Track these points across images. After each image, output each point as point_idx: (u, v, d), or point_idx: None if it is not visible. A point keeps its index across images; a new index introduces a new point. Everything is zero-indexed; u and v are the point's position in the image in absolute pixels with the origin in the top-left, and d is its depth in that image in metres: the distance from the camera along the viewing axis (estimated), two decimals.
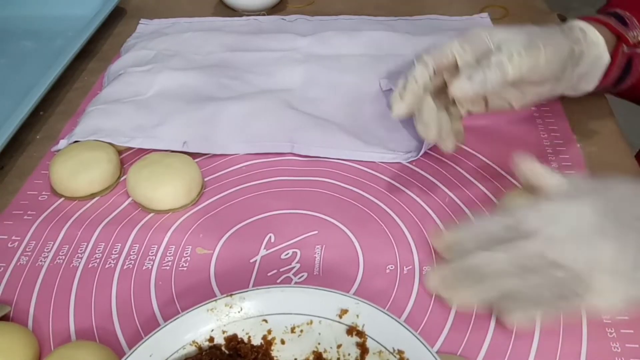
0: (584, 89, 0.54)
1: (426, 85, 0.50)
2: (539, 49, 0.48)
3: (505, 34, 0.49)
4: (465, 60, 0.49)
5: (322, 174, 0.56)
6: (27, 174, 0.58)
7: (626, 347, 0.41)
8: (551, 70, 0.49)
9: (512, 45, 0.48)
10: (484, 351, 0.41)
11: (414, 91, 0.50)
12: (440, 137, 0.51)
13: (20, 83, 0.69)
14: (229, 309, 0.40)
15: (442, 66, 0.50)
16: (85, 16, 0.78)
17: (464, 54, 0.49)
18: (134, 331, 0.43)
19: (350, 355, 0.39)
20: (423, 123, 0.50)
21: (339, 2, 0.84)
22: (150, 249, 0.50)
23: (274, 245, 0.49)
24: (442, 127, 0.51)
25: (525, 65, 0.47)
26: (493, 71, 0.47)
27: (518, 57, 0.47)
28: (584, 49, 0.51)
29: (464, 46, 0.50)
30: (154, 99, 0.64)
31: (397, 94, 0.51)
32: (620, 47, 0.53)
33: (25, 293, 0.46)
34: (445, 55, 0.50)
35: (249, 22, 0.80)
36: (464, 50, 0.49)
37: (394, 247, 0.49)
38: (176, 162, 0.54)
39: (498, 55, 0.47)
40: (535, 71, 0.48)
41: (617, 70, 0.54)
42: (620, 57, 0.54)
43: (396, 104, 0.51)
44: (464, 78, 0.47)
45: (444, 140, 0.52)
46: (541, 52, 0.48)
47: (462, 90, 0.47)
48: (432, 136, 0.51)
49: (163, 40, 0.74)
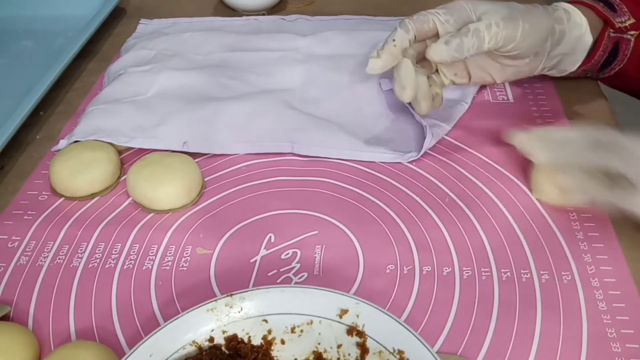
0: (566, 68, 0.57)
1: (405, 48, 0.53)
2: (518, 21, 0.50)
3: (488, 6, 0.51)
4: (446, 28, 0.52)
5: (322, 174, 0.56)
6: (27, 174, 0.58)
7: (626, 347, 0.41)
8: (528, 44, 0.51)
9: (491, 16, 0.50)
10: (484, 351, 0.41)
11: (391, 51, 0.53)
12: (415, 99, 0.53)
13: (20, 83, 0.69)
14: (229, 309, 0.40)
15: (424, 33, 0.52)
16: (85, 16, 0.78)
17: (445, 22, 0.52)
18: (134, 331, 0.43)
19: (350, 355, 0.39)
20: (400, 83, 0.53)
21: (339, 2, 0.84)
22: (150, 249, 0.50)
23: (274, 245, 0.49)
24: (419, 89, 0.53)
25: (502, 35, 0.50)
26: (469, 38, 0.49)
27: (496, 27, 0.49)
28: (565, 28, 0.53)
29: (446, 15, 0.52)
30: (154, 99, 0.64)
31: (375, 52, 0.53)
32: (606, 31, 0.55)
33: (25, 293, 0.46)
34: (427, 22, 0.52)
35: (248, 22, 0.80)
36: (446, 19, 0.52)
37: (394, 247, 0.49)
38: (176, 162, 0.54)
39: (476, 24, 0.50)
40: (511, 43, 0.50)
41: (602, 53, 0.56)
42: (606, 40, 0.55)
43: (372, 60, 0.53)
44: (441, 42, 0.50)
45: (419, 102, 0.54)
46: (519, 25, 0.50)
47: (438, 54, 0.50)
48: (407, 96, 0.53)
49: (163, 40, 0.74)
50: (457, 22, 0.51)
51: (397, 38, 0.53)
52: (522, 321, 0.43)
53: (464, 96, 0.62)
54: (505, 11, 0.51)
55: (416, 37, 0.53)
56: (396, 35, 0.53)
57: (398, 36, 0.53)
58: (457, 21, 0.52)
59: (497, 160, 0.56)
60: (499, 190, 0.53)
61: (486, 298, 0.44)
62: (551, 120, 0.60)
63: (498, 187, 0.53)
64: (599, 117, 0.61)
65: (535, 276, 0.46)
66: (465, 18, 0.51)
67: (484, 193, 0.53)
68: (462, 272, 0.46)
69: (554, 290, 0.45)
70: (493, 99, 0.64)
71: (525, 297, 0.44)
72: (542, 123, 0.60)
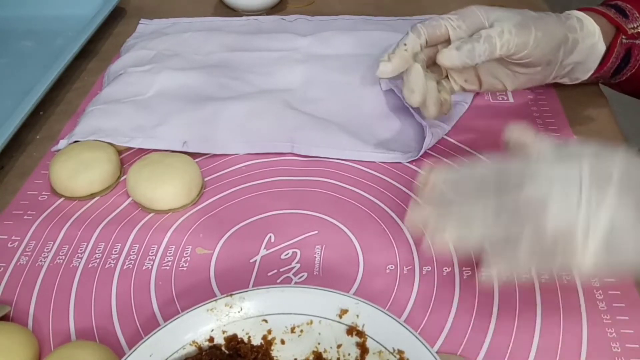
0: (579, 77, 0.55)
1: (416, 53, 0.52)
2: (530, 29, 0.49)
3: (501, 13, 0.51)
4: (458, 34, 0.51)
5: (322, 174, 0.56)
6: (27, 174, 0.58)
7: (626, 347, 0.41)
8: (541, 52, 0.50)
9: (504, 23, 0.49)
10: (484, 351, 0.41)
11: (402, 55, 0.52)
12: (424, 104, 0.53)
13: (20, 83, 0.69)
14: (229, 309, 0.40)
15: (436, 38, 0.52)
16: (85, 16, 0.78)
17: (457, 28, 0.51)
18: (134, 331, 0.43)
19: (350, 355, 0.39)
20: (409, 87, 0.52)
21: (338, 2, 0.84)
22: (150, 249, 0.50)
23: (274, 245, 0.49)
24: (428, 94, 0.53)
25: (514, 43, 0.49)
26: (481, 44, 0.49)
27: (508, 33, 0.49)
28: (578, 37, 0.52)
29: (459, 21, 0.51)
30: (154, 99, 0.64)
31: (386, 56, 0.53)
32: (618, 38, 0.54)
33: (25, 293, 0.46)
34: (439, 27, 0.52)
35: (248, 22, 0.80)
36: (458, 25, 0.51)
37: (394, 247, 0.49)
38: (176, 162, 0.54)
39: (488, 30, 0.49)
40: (523, 50, 0.50)
41: (614, 60, 0.55)
42: (619, 47, 0.54)
43: (382, 63, 0.53)
44: (452, 48, 0.49)
45: (428, 107, 0.53)
46: (532, 33, 0.49)
47: (449, 59, 0.49)
48: (416, 101, 0.52)
49: (163, 40, 0.74)
50: (470, 28, 0.51)
51: (408, 42, 0.52)
52: (522, 321, 0.43)
53: (464, 96, 0.62)
54: (518, 18, 0.50)
55: (428, 42, 0.52)
56: (408, 40, 0.52)
57: (410, 40, 0.52)
58: (469, 27, 0.51)
59: None
60: None
61: (486, 298, 0.44)
62: (551, 120, 0.60)
63: None
64: (599, 117, 0.61)
65: (535, 276, 0.46)
66: (477, 24, 0.51)
67: None
68: (462, 272, 0.46)
69: (554, 290, 0.45)
70: (493, 99, 0.64)
71: (525, 297, 0.44)
72: (542, 123, 0.60)
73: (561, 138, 0.58)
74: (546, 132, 0.59)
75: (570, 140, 0.53)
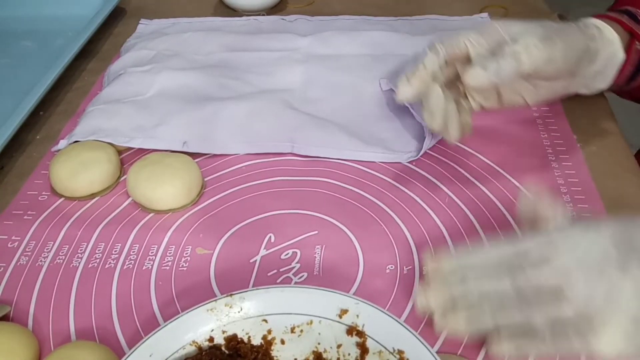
0: (598, 87, 0.53)
1: (435, 73, 0.50)
2: (555, 42, 0.47)
3: (521, 27, 0.48)
4: (479, 51, 0.49)
5: (322, 174, 0.56)
6: (27, 174, 0.58)
7: None
8: (566, 64, 0.48)
9: (528, 37, 0.47)
10: (484, 351, 0.41)
11: (422, 77, 0.50)
12: (445, 127, 0.50)
13: (20, 83, 0.69)
14: (229, 309, 0.40)
15: (455, 56, 0.50)
16: (85, 16, 0.78)
17: (477, 45, 0.49)
18: (134, 331, 0.43)
19: (350, 355, 0.39)
20: (429, 111, 0.50)
21: (338, 2, 0.84)
22: (150, 249, 0.50)
23: (274, 245, 0.49)
24: (449, 118, 0.50)
25: (541, 57, 0.46)
26: (508, 61, 0.46)
27: (534, 48, 0.46)
28: (599, 46, 0.50)
29: (478, 38, 0.49)
30: (154, 99, 0.64)
31: (405, 78, 0.50)
32: (633, 45, 0.52)
33: (25, 293, 0.46)
34: (457, 45, 0.49)
35: (248, 22, 0.80)
36: (478, 41, 0.49)
37: (394, 247, 0.49)
38: (176, 162, 0.54)
39: (513, 46, 0.46)
40: (550, 64, 0.47)
41: (630, 67, 0.53)
42: (634, 55, 0.53)
43: (402, 86, 0.50)
44: (478, 67, 0.46)
45: (449, 130, 0.51)
46: (557, 46, 0.47)
47: (476, 79, 0.46)
48: (437, 125, 0.50)
49: (163, 40, 0.74)
50: (490, 45, 0.48)
51: (427, 62, 0.50)
52: None
53: None
54: (541, 31, 0.47)
55: (447, 62, 0.50)
56: (426, 60, 0.50)
57: (428, 60, 0.50)
58: (489, 43, 0.48)
59: (496, 161, 0.56)
60: (498, 190, 0.53)
61: None
62: (551, 120, 0.60)
63: (497, 187, 0.53)
64: (599, 118, 0.61)
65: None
66: (498, 39, 0.48)
67: (483, 193, 0.53)
68: None
69: None
70: None
71: None
72: (542, 124, 0.60)
73: (562, 139, 0.58)
74: (547, 132, 0.59)
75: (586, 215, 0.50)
